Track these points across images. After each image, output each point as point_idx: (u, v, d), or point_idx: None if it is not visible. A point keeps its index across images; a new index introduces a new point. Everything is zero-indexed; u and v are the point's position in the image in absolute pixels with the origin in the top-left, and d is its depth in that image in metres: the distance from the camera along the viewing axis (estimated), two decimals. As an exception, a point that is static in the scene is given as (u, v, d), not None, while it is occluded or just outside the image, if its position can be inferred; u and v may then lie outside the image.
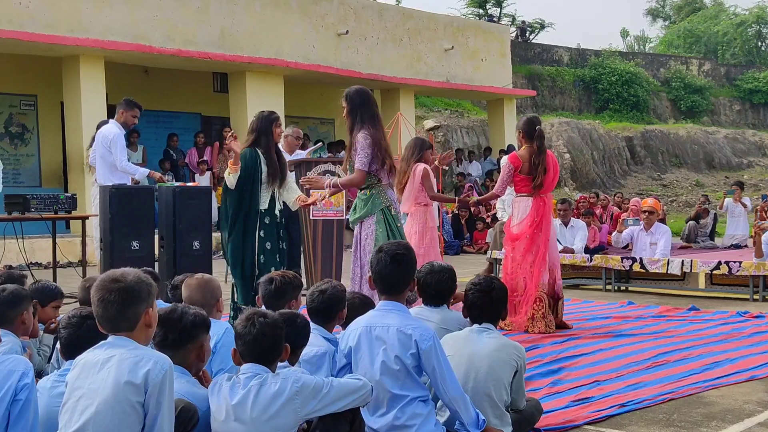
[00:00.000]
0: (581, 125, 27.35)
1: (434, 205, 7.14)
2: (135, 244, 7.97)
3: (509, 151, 17.47)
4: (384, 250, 3.74)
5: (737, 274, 8.57)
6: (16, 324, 4.04)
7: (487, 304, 3.87)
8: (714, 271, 8.73)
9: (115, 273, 2.88)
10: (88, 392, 2.78)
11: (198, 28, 15.25)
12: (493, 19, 31.62)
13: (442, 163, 7.51)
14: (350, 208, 6.09)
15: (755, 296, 8.49)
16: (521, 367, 3.80)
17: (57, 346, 3.79)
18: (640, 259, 9.22)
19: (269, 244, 6.17)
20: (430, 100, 25.81)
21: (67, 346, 3.38)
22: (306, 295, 4.07)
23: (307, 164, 8.99)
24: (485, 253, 11.76)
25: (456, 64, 20.03)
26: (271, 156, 6.16)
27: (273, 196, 6.23)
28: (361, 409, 3.48)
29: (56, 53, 13.98)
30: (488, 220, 15.50)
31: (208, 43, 15.34)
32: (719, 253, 11.37)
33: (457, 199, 8.64)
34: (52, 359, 4.10)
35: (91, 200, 9.32)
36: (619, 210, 15.12)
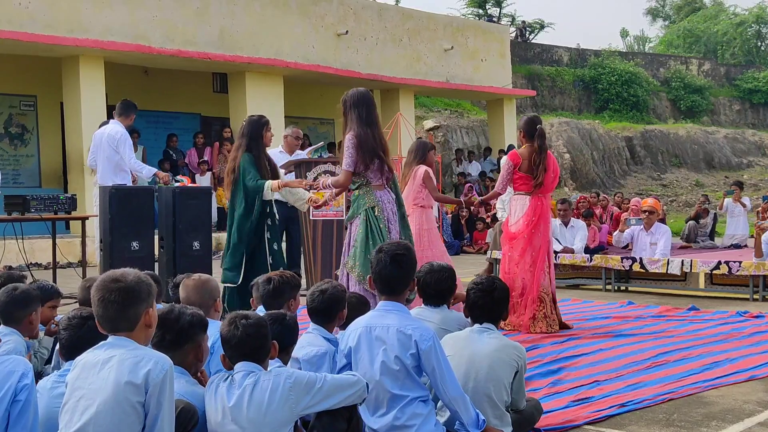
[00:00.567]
0: (581, 125, 27.36)
1: (434, 207, 7.14)
2: (135, 244, 7.97)
3: (509, 150, 17.48)
4: (384, 251, 3.74)
5: (737, 273, 8.57)
6: (24, 324, 4.06)
7: (489, 304, 3.87)
8: (714, 271, 8.73)
9: (115, 273, 2.88)
10: (89, 392, 2.78)
11: (198, 29, 15.25)
12: (493, 19, 31.62)
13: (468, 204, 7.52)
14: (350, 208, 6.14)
15: (755, 296, 8.49)
16: (521, 368, 3.80)
17: (56, 347, 3.78)
18: (640, 259, 9.22)
19: (276, 245, 6.40)
20: (430, 100, 25.82)
21: (67, 347, 3.38)
22: (306, 295, 4.07)
23: (306, 164, 8.97)
24: (485, 253, 11.76)
25: (456, 64, 20.03)
26: (262, 160, 6.35)
27: (271, 200, 6.42)
28: (361, 409, 3.48)
29: (56, 54, 13.98)
30: (488, 221, 15.50)
31: (208, 44, 15.34)
32: (719, 253, 11.38)
33: (463, 201, 8.64)
34: (53, 362, 4.09)
35: (93, 201, 9.33)
36: (619, 210, 15.12)
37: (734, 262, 8.63)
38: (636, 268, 9.17)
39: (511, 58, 22.60)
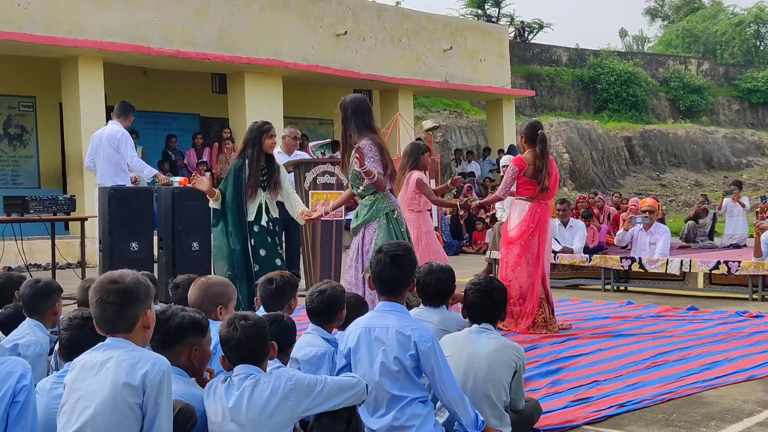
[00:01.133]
0: (580, 125, 27.36)
1: (433, 208, 7.15)
2: (134, 245, 7.98)
3: (510, 151, 17.48)
4: (383, 251, 3.74)
5: (736, 273, 8.57)
6: (48, 315, 4.23)
7: (487, 304, 3.87)
8: (713, 271, 8.74)
9: (113, 274, 2.88)
10: (86, 394, 2.77)
11: (197, 29, 15.24)
12: (492, 19, 31.61)
13: (453, 186, 7.51)
14: (349, 209, 6.14)
15: (754, 296, 8.50)
16: (520, 368, 3.80)
17: (55, 347, 3.78)
18: (639, 259, 9.23)
19: (263, 251, 6.34)
20: (429, 101, 25.82)
21: (67, 348, 3.37)
22: (305, 295, 4.07)
23: (306, 165, 8.97)
24: (484, 253, 11.77)
25: (454, 65, 20.03)
26: (253, 167, 6.35)
27: (260, 206, 6.39)
28: (360, 409, 3.48)
29: (55, 54, 13.98)
30: (487, 221, 15.50)
31: (207, 44, 15.34)
32: (718, 253, 11.37)
33: (458, 205, 8.64)
34: (51, 362, 4.10)
35: (94, 201, 9.34)
36: (618, 210, 15.12)
37: (733, 262, 8.64)
38: (635, 268, 9.18)
39: (510, 59, 22.60)
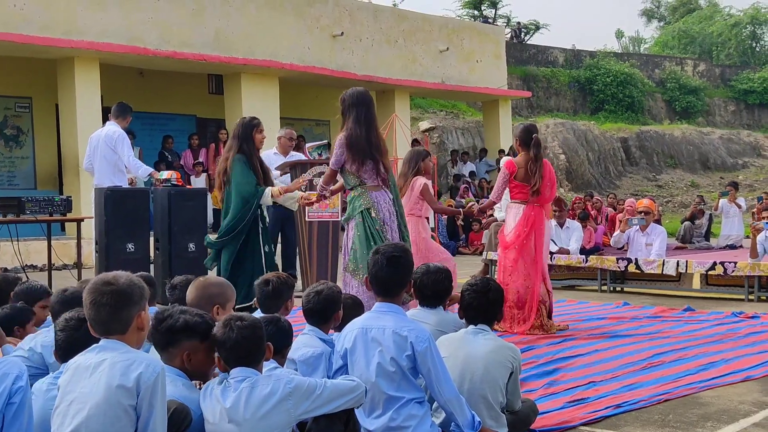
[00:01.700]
0: (576, 126, 27.37)
1: (430, 212, 7.19)
2: (130, 246, 7.97)
3: (510, 151, 17.49)
4: (380, 252, 3.74)
5: (732, 274, 8.58)
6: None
7: (484, 305, 3.87)
8: (709, 272, 8.75)
9: (107, 276, 2.87)
10: (80, 396, 2.77)
11: (193, 30, 15.23)
12: (488, 20, 31.63)
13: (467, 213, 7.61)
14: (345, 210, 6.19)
15: (750, 297, 8.51)
16: (516, 369, 3.81)
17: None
18: (636, 259, 9.23)
19: (267, 248, 6.47)
20: (426, 102, 25.82)
21: (63, 349, 3.35)
22: (302, 296, 4.07)
23: (302, 165, 8.95)
24: (481, 254, 11.77)
25: (451, 66, 20.03)
26: (254, 162, 6.44)
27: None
28: (357, 410, 3.48)
29: (51, 55, 13.96)
30: (483, 222, 15.49)
31: (203, 45, 15.32)
32: (714, 254, 11.39)
33: (462, 211, 8.65)
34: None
35: (90, 203, 9.34)
36: (614, 211, 15.12)
37: (729, 263, 8.65)
38: (631, 268, 9.19)
39: (507, 60, 22.61)
